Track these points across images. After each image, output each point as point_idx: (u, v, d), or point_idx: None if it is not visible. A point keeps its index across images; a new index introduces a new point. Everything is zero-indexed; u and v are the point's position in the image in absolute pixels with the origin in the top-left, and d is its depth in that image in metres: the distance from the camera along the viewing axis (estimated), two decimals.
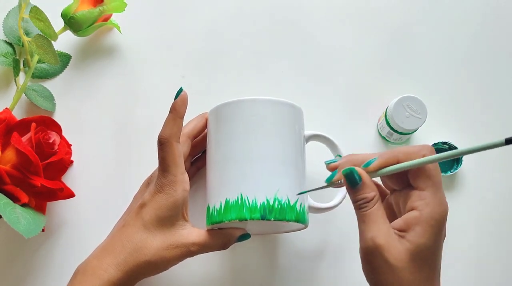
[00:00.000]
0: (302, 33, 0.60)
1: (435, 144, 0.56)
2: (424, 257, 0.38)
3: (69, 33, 0.57)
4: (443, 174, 0.56)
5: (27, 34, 0.57)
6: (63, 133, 0.54)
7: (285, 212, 0.44)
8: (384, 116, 0.55)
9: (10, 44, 0.58)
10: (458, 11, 0.62)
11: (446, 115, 0.58)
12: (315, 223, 0.50)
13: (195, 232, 0.46)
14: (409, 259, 0.37)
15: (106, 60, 0.59)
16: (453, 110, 0.59)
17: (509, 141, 0.32)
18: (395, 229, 0.39)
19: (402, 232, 0.38)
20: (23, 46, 0.57)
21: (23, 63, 0.57)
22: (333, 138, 0.51)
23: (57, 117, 0.57)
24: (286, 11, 0.61)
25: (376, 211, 0.39)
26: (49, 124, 0.53)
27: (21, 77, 0.57)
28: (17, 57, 0.57)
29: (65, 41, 0.59)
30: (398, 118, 0.53)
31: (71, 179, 0.56)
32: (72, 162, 0.56)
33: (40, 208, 0.52)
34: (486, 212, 0.56)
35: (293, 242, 0.55)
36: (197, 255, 0.47)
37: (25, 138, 0.51)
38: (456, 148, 0.56)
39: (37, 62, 0.57)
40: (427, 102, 0.54)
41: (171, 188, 0.45)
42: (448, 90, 0.59)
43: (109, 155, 0.56)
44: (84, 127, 0.57)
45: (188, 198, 0.47)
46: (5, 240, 0.54)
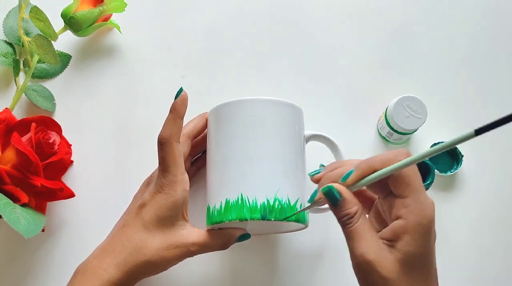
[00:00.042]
0: (302, 33, 0.60)
1: (435, 144, 0.56)
2: (417, 264, 0.37)
3: (69, 33, 0.57)
4: (443, 174, 0.56)
5: (27, 34, 0.57)
6: (63, 133, 0.54)
7: (285, 212, 0.44)
8: (384, 116, 0.55)
9: (10, 44, 0.58)
10: (458, 11, 0.62)
11: (446, 115, 0.58)
12: (315, 223, 0.50)
13: (195, 232, 0.46)
14: (402, 269, 0.37)
15: (106, 60, 0.59)
16: (453, 110, 0.59)
17: (479, 132, 0.31)
18: (384, 239, 0.38)
19: (391, 241, 0.37)
20: (23, 46, 0.57)
21: (23, 63, 0.57)
22: (333, 138, 0.51)
23: (57, 117, 0.57)
24: (286, 11, 0.61)
25: (362, 226, 0.38)
26: (49, 124, 0.53)
27: (21, 77, 0.57)
28: (17, 57, 0.57)
29: (65, 41, 0.59)
30: (398, 118, 0.53)
31: (71, 179, 0.56)
32: (72, 162, 0.56)
33: (40, 208, 0.52)
34: (486, 212, 0.56)
35: (293, 242, 0.55)
36: (197, 255, 0.47)
37: (25, 138, 0.51)
38: (456, 148, 0.56)
39: (37, 62, 0.57)
40: (427, 102, 0.54)
41: (171, 188, 0.45)
42: (448, 90, 0.59)
43: (109, 155, 0.56)
44: (84, 127, 0.57)
45: (188, 198, 0.47)
46: (5, 240, 0.54)
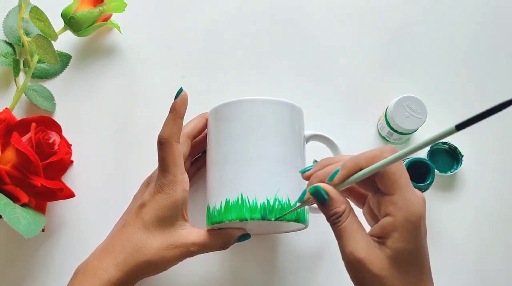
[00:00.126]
0: (302, 33, 0.60)
1: (435, 144, 0.56)
2: (408, 260, 0.37)
3: (69, 33, 0.57)
4: (443, 174, 0.56)
5: (27, 34, 0.57)
6: (63, 133, 0.54)
7: (285, 212, 0.44)
8: (384, 116, 0.55)
9: (10, 44, 0.58)
10: (458, 11, 0.62)
11: (446, 115, 0.58)
12: (315, 223, 0.50)
13: (195, 232, 0.46)
14: (392, 265, 0.37)
15: (106, 60, 0.59)
16: (453, 110, 0.59)
17: (459, 127, 0.31)
18: (374, 236, 0.38)
19: (381, 238, 0.37)
20: (23, 46, 0.57)
21: (23, 63, 0.57)
22: (333, 138, 0.50)
23: (57, 117, 0.57)
24: (286, 11, 0.61)
25: (351, 224, 0.38)
26: (49, 124, 0.53)
27: (21, 77, 0.57)
28: (17, 57, 0.57)
29: (65, 41, 0.59)
30: (398, 118, 0.53)
31: (71, 179, 0.56)
32: (72, 162, 0.56)
33: (40, 208, 0.52)
34: (486, 212, 0.56)
35: (293, 242, 0.55)
36: (197, 255, 0.47)
37: (25, 139, 0.51)
38: (456, 148, 0.56)
39: (37, 62, 0.57)
40: (427, 102, 0.54)
41: (171, 188, 0.45)
42: (448, 90, 0.59)
43: (109, 155, 0.56)
44: (84, 127, 0.57)
45: (188, 198, 0.47)
46: (5, 240, 0.54)
